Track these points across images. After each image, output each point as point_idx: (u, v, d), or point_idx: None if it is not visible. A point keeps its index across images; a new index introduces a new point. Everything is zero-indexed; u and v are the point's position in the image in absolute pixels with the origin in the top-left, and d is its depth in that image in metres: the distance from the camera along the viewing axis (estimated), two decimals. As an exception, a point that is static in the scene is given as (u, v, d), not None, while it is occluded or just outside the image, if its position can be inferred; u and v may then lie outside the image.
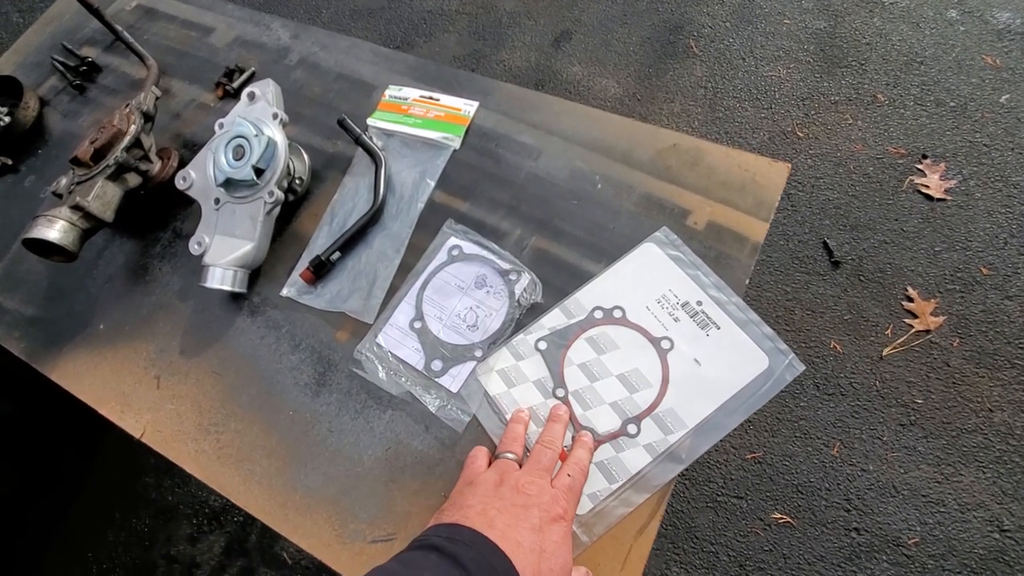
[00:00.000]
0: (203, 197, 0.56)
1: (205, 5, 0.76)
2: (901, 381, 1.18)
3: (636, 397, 0.47)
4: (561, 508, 0.39)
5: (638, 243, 0.53)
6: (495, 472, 0.41)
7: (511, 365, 0.50)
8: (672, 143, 0.57)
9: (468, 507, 0.38)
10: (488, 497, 0.39)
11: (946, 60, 1.48)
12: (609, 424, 0.46)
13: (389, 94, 0.65)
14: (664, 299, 0.50)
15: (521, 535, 0.36)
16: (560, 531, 0.38)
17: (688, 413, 0.46)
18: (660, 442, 0.45)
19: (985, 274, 1.24)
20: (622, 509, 0.44)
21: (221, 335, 0.55)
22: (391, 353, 0.52)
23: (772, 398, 0.46)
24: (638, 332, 0.49)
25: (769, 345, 0.47)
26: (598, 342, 0.49)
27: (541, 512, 0.38)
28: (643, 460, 0.45)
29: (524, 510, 0.38)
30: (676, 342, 0.48)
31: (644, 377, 0.48)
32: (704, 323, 0.49)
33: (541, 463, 0.42)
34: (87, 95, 0.73)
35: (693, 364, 0.48)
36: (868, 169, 1.40)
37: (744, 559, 1.08)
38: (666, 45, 1.64)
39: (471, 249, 0.55)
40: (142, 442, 0.52)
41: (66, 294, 0.61)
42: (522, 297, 0.52)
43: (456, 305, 0.53)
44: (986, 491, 1.06)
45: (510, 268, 0.53)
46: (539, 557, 0.35)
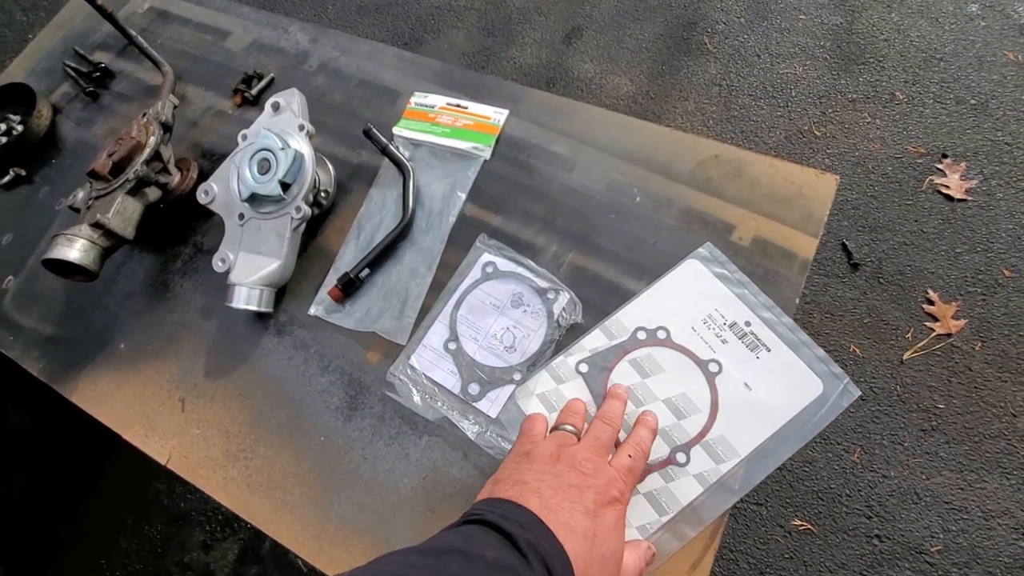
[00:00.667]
0: (226, 212, 0.54)
1: (220, 7, 0.74)
2: (922, 386, 1.16)
3: (684, 423, 0.45)
4: (617, 490, 0.38)
5: (681, 259, 0.51)
6: (553, 444, 0.40)
7: (551, 389, 0.48)
8: (713, 154, 0.55)
9: (524, 484, 0.36)
10: (544, 474, 0.37)
11: (966, 56, 1.45)
12: (657, 452, 0.45)
13: (415, 101, 0.62)
14: (711, 319, 0.48)
15: (575, 519, 0.35)
16: (614, 515, 0.37)
17: (740, 441, 0.44)
18: (711, 471, 0.44)
19: (1007, 276, 1.22)
20: (674, 544, 0.42)
21: (247, 356, 0.54)
22: (425, 376, 0.50)
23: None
24: (684, 354, 0.47)
25: (822, 368, 0.46)
26: (642, 365, 0.48)
27: (596, 494, 0.37)
28: (694, 491, 0.43)
29: (580, 491, 0.36)
30: (724, 365, 0.46)
31: (692, 402, 0.46)
32: (754, 345, 0.47)
33: (600, 440, 0.40)
34: (101, 102, 0.71)
35: (743, 388, 0.46)
36: (887, 169, 1.37)
37: (764, 566, 1.07)
38: (679, 42, 1.61)
39: (506, 266, 0.53)
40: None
41: (84, 312, 0.59)
42: (561, 317, 0.50)
43: (492, 325, 0.51)
44: (1011, 498, 1.05)
45: (548, 286, 0.51)
46: (591, 543, 0.34)
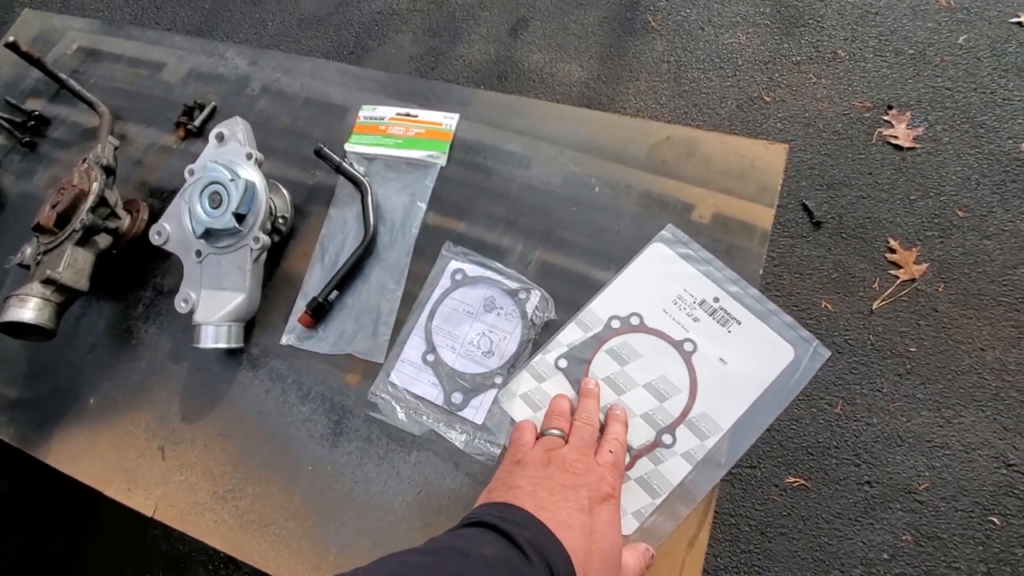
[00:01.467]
0: (182, 251, 0.53)
1: (151, 40, 0.72)
2: (893, 332, 1.20)
3: (666, 405, 0.46)
4: (609, 486, 0.39)
5: (645, 244, 0.51)
6: (542, 450, 0.41)
7: (534, 388, 0.48)
8: (665, 136, 0.55)
9: (518, 488, 0.37)
10: (538, 477, 0.38)
11: (900, 8, 1.49)
12: (643, 437, 0.45)
13: (363, 115, 0.62)
14: (680, 300, 0.49)
15: (571, 517, 0.35)
16: (609, 510, 0.38)
17: (721, 415, 0.45)
18: (698, 448, 0.44)
19: (961, 217, 1.27)
20: (670, 524, 0.43)
21: (223, 394, 0.53)
22: (407, 391, 0.50)
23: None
24: (659, 337, 0.48)
25: (792, 335, 0.47)
26: (619, 353, 0.48)
27: (590, 492, 0.38)
28: (683, 470, 0.44)
29: (573, 491, 0.37)
30: (699, 343, 0.47)
31: (672, 383, 0.46)
32: (724, 320, 0.48)
33: (584, 440, 0.42)
34: (39, 151, 0.68)
35: (719, 364, 0.47)
36: (837, 126, 1.41)
37: (765, 526, 1.10)
38: (624, 23, 1.62)
39: (474, 271, 0.52)
40: None
41: (48, 370, 0.57)
42: (535, 316, 0.50)
43: (468, 332, 0.51)
44: (988, 429, 1.10)
45: (518, 287, 0.51)
46: (590, 538, 0.35)
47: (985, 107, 1.35)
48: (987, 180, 1.29)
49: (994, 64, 1.39)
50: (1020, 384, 1.12)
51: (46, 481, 1.16)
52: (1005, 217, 1.25)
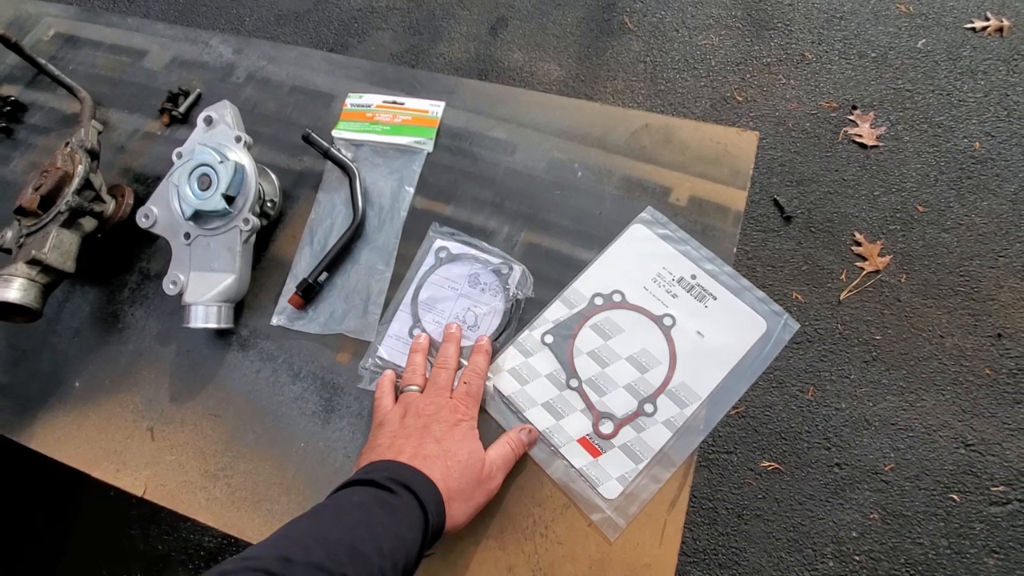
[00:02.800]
0: (170, 233, 0.53)
1: (132, 27, 0.71)
2: (860, 321, 1.26)
3: (648, 376, 0.48)
4: (460, 413, 0.44)
5: (626, 225, 0.54)
6: (400, 406, 0.45)
7: (521, 363, 0.50)
8: (644, 123, 0.58)
9: (379, 446, 0.42)
10: (395, 430, 0.43)
11: (863, 13, 1.56)
12: (626, 406, 0.47)
13: (350, 102, 0.63)
14: (660, 277, 0.51)
15: (426, 449, 0.41)
16: (461, 431, 0.43)
17: (699, 384, 0.48)
18: (677, 416, 0.47)
19: (921, 211, 1.33)
20: (652, 486, 0.45)
21: (213, 375, 0.53)
22: (395, 364, 0.51)
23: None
24: (640, 313, 0.50)
25: (764, 308, 0.50)
26: (603, 328, 0.50)
27: (441, 424, 0.43)
28: (664, 436, 0.46)
29: (426, 429, 0.42)
30: (678, 318, 0.50)
31: (653, 356, 0.49)
32: (701, 296, 0.50)
33: (438, 383, 0.46)
34: (15, 137, 0.67)
35: (697, 337, 0.49)
36: (805, 125, 1.46)
37: (741, 509, 1.14)
38: (602, 23, 1.66)
39: (458, 249, 0.54)
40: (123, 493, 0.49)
41: (31, 355, 0.56)
42: (517, 290, 0.52)
43: (453, 307, 0.52)
44: (947, 411, 1.15)
45: (500, 262, 0.53)
46: (445, 458, 0.40)
47: (942, 108, 1.42)
48: (945, 177, 1.36)
49: (950, 67, 1.46)
50: (977, 369, 1.18)
51: (17, 484, 1.14)
52: (961, 212, 1.32)
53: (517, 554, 0.44)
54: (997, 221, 1.30)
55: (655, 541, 0.44)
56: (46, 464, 0.52)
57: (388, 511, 0.35)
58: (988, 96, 1.42)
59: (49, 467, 0.52)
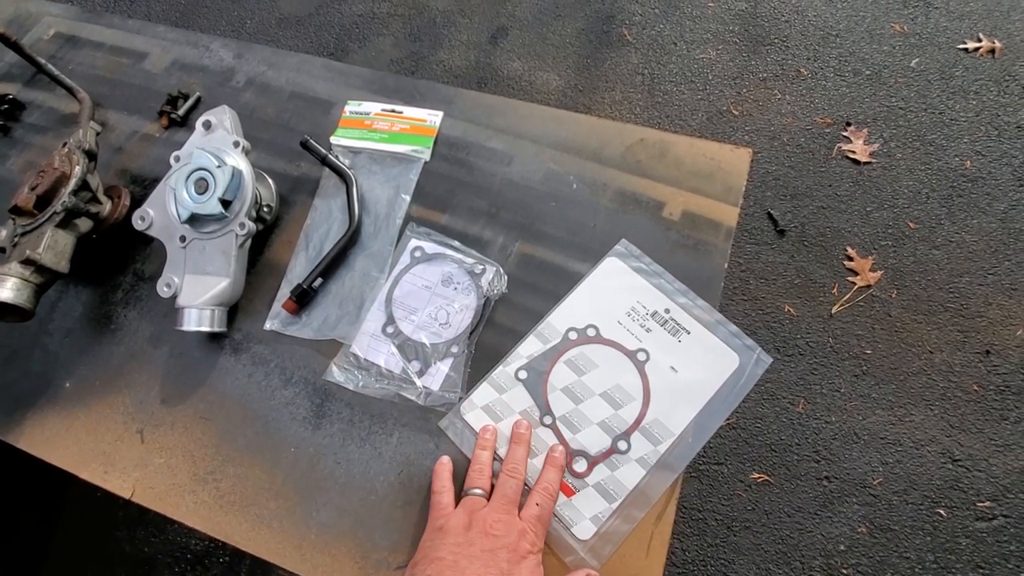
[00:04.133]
0: (166, 236, 0.53)
1: (133, 29, 0.72)
2: (851, 335, 1.27)
3: (622, 413, 0.48)
4: (529, 543, 0.41)
5: (602, 257, 0.53)
6: (464, 513, 0.42)
7: (495, 399, 0.49)
8: (639, 138, 0.58)
9: (440, 560, 0.39)
10: (459, 545, 0.40)
11: (858, 31, 1.58)
12: (600, 443, 0.47)
13: (349, 110, 0.63)
14: (634, 311, 0.51)
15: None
16: (528, 566, 0.40)
17: (673, 421, 0.47)
18: (651, 454, 0.46)
19: (912, 228, 1.35)
20: (626, 527, 0.44)
21: (205, 378, 0.53)
22: (365, 359, 0.51)
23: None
24: (614, 348, 0.50)
25: (737, 343, 0.49)
26: (577, 363, 0.50)
27: (508, 553, 0.39)
28: (638, 474, 0.46)
29: (492, 554, 0.39)
30: (651, 353, 0.49)
31: (626, 392, 0.48)
32: (675, 330, 0.50)
33: (507, 495, 0.43)
34: (13, 136, 0.67)
35: (671, 372, 0.49)
36: (800, 140, 1.48)
37: (731, 520, 1.14)
38: (601, 35, 1.67)
39: (433, 249, 0.55)
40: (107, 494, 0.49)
41: (21, 355, 0.56)
42: (489, 289, 0.52)
43: (426, 305, 0.53)
44: (935, 426, 1.16)
45: (474, 262, 0.53)
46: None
47: (934, 126, 1.44)
48: (936, 194, 1.37)
49: (943, 87, 1.49)
50: (965, 385, 1.19)
51: (2, 481, 1.13)
52: (952, 229, 1.34)
53: (504, 564, 0.44)
54: (987, 239, 1.31)
55: (641, 554, 0.44)
56: (33, 462, 0.52)
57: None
58: (979, 116, 1.44)
59: (36, 466, 0.52)
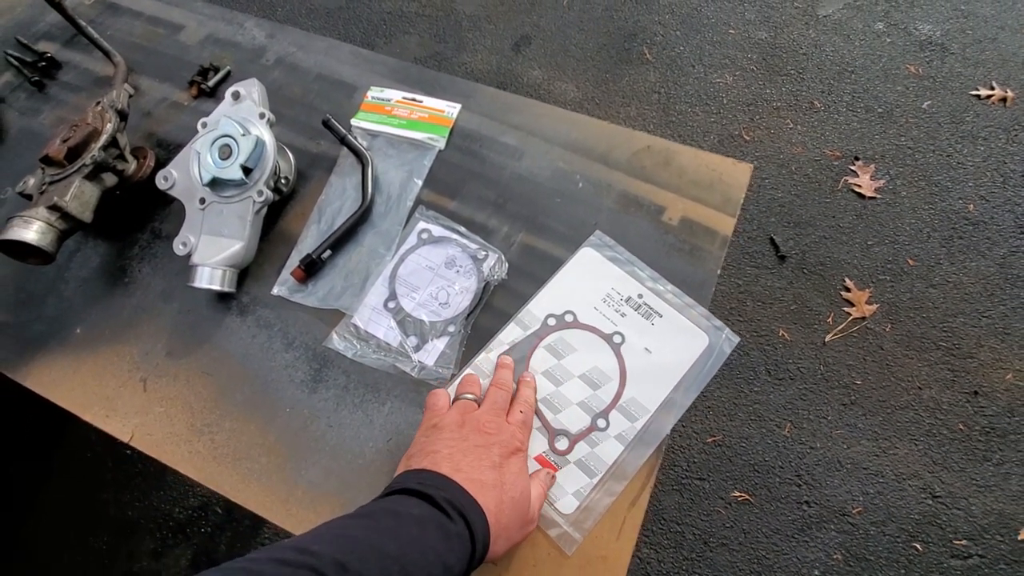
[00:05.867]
0: (187, 197, 0.56)
1: (172, 2, 0.75)
2: (842, 364, 1.28)
3: (600, 393, 0.50)
4: (518, 441, 0.44)
5: (579, 246, 0.56)
6: (457, 413, 0.45)
7: (484, 384, 0.51)
8: (646, 145, 0.61)
9: (436, 452, 0.41)
10: (453, 439, 0.42)
11: (874, 69, 1.61)
12: (580, 423, 0.49)
13: (371, 95, 0.66)
14: (609, 297, 0.53)
15: (484, 474, 0.40)
16: (517, 463, 0.43)
17: (648, 399, 0.49)
18: (628, 430, 0.48)
19: (911, 265, 1.37)
20: (607, 500, 0.46)
21: (210, 336, 0.55)
22: (367, 331, 0.53)
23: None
24: (591, 332, 0.52)
25: (706, 324, 0.52)
26: (556, 348, 0.52)
27: (501, 448, 0.42)
28: (616, 450, 0.48)
29: (486, 449, 0.42)
30: (627, 336, 0.52)
31: (604, 373, 0.51)
32: (648, 314, 0.53)
33: (497, 403, 0.46)
34: (47, 92, 0.70)
35: (645, 353, 0.51)
36: (808, 170, 1.51)
37: (708, 536, 1.15)
38: (621, 51, 1.71)
39: (440, 232, 0.57)
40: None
41: (36, 298, 0.58)
42: (490, 274, 0.54)
43: (428, 285, 0.55)
44: (919, 461, 1.17)
45: (477, 248, 0.56)
46: (500, 490, 0.40)
47: (941, 168, 1.47)
48: (937, 234, 1.39)
49: (952, 130, 1.51)
50: (951, 423, 1.21)
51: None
52: (950, 270, 1.35)
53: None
54: (984, 283, 1.33)
55: (613, 536, 0.45)
56: (24, 417, 0.54)
57: (442, 536, 0.35)
58: (986, 161, 1.46)
59: (27, 420, 0.54)
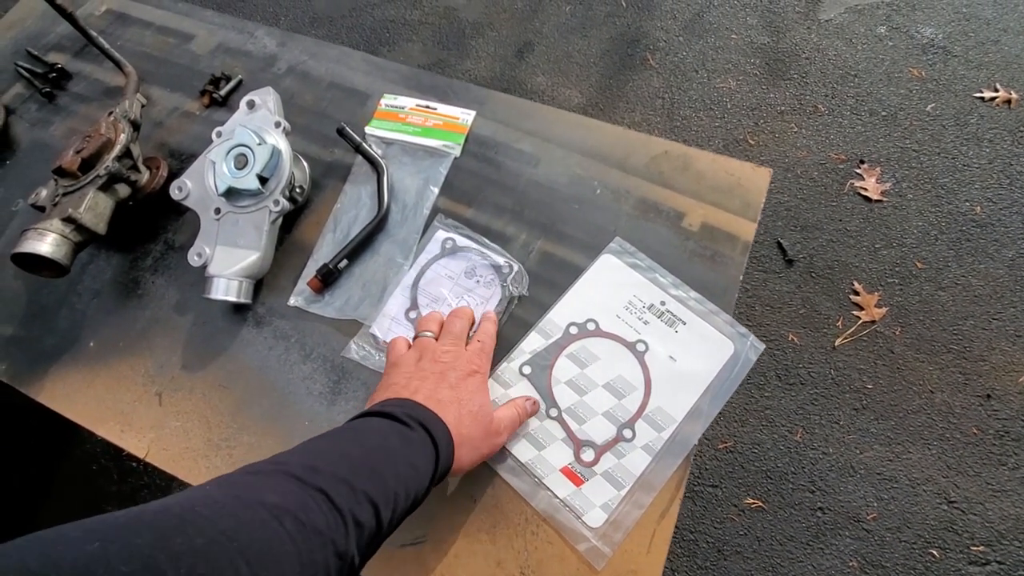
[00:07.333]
0: (201, 207, 0.55)
1: (182, 11, 0.74)
2: (852, 369, 1.27)
3: (625, 402, 0.49)
4: (475, 365, 0.46)
5: (599, 253, 0.55)
6: (416, 350, 0.47)
7: (500, 394, 0.50)
8: (663, 150, 0.60)
9: (394, 384, 0.43)
10: (410, 372, 0.44)
11: (877, 73, 1.61)
12: (605, 433, 0.48)
13: (385, 103, 0.65)
14: (631, 305, 0.53)
15: (441, 393, 0.42)
16: (475, 382, 0.44)
17: (675, 408, 0.49)
18: (655, 440, 0.48)
19: (920, 267, 1.36)
20: (636, 512, 0.45)
21: (226, 348, 0.54)
22: (384, 342, 0.53)
23: (740, 388, 0.49)
24: (614, 340, 0.51)
25: (731, 331, 0.51)
26: (579, 357, 0.51)
27: (456, 372, 0.44)
28: (644, 461, 0.47)
29: (442, 375, 0.44)
30: (650, 343, 0.51)
31: (628, 382, 0.50)
32: (671, 321, 0.52)
33: (453, 332, 0.48)
34: (57, 103, 0.70)
35: (669, 361, 0.50)
36: (813, 174, 1.50)
37: (722, 544, 1.14)
38: (625, 57, 1.71)
39: (463, 242, 0.56)
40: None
41: (49, 312, 0.58)
42: (511, 286, 0.54)
43: (447, 295, 0.54)
44: (932, 466, 1.16)
45: (499, 259, 0.55)
46: (458, 405, 0.42)
47: (947, 170, 1.47)
48: (944, 236, 1.39)
49: (957, 132, 1.51)
50: (964, 426, 1.20)
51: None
52: (959, 272, 1.35)
53: (507, 549, 0.45)
54: (993, 284, 1.33)
55: (643, 549, 0.45)
56: (28, 430, 0.53)
57: (404, 442, 0.37)
58: (992, 163, 1.46)
59: (31, 433, 0.53)
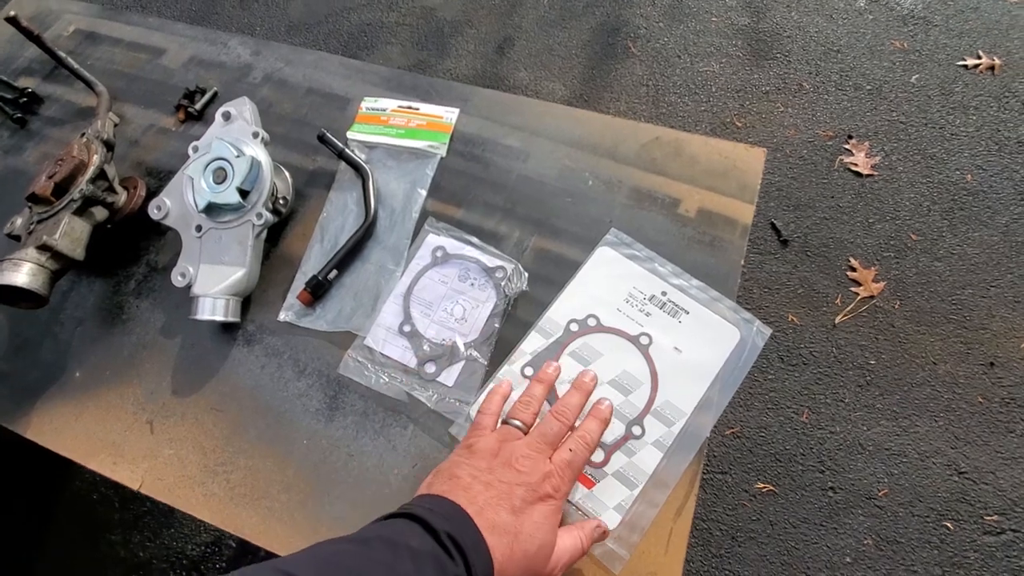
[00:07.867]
0: (182, 225, 0.53)
1: (152, 26, 0.72)
2: (854, 345, 1.27)
3: (632, 398, 0.47)
4: (551, 486, 0.38)
5: (594, 247, 0.53)
6: (496, 440, 0.40)
7: None
8: (654, 136, 0.59)
9: (457, 479, 0.38)
10: (479, 470, 0.38)
11: (859, 47, 1.61)
12: (614, 431, 0.46)
13: (365, 106, 0.63)
14: (632, 297, 0.51)
15: (498, 516, 0.36)
16: (543, 511, 0.37)
17: (683, 400, 0.47)
18: (666, 435, 0.46)
19: (914, 240, 1.36)
20: (651, 511, 0.44)
21: (217, 369, 0.52)
22: (380, 354, 0.51)
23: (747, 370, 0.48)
24: (616, 335, 0.50)
25: (735, 317, 0.49)
26: (581, 354, 0.49)
27: (526, 491, 0.37)
28: (655, 458, 0.45)
29: (509, 488, 0.37)
30: (654, 336, 0.49)
31: (634, 377, 0.48)
32: (674, 311, 0.50)
33: (546, 436, 0.41)
34: (30, 128, 0.67)
35: (674, 353, 0.48)
36: (802, 152, 1.50)
37: (735, 531, 1.13)
38: (606, 47, 1.69)
39: (454, 248, 0.55)
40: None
41: (31, 344, 0.56)
42: (507, 286, 0.52)
43: (443, 302, 0.53)
44: (940, 438, 1.16)
45: (492, 260, 0.54)
46: (513, 539, 0.35)
47: (935, 140, 1.46)
48: (937, 207, 1.39)
49: (943, 102, 1.51)
50: (969, 396, 1.19)
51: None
52: (953, 241, 1.35)
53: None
54: (989, 252, 1.32)
55: (661, 549, 0.43)
56: (27, 461, 0.51)
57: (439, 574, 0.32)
58: (980, 131, 1.46)
59: (30, 464, 0.51)
